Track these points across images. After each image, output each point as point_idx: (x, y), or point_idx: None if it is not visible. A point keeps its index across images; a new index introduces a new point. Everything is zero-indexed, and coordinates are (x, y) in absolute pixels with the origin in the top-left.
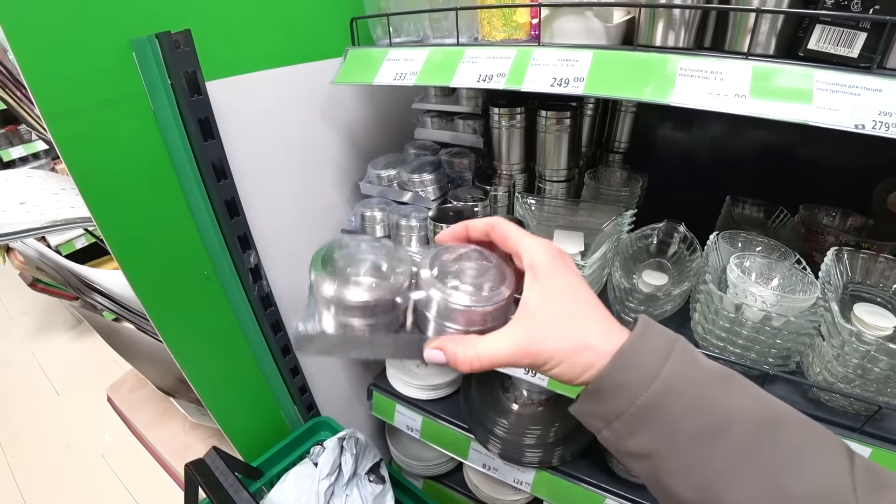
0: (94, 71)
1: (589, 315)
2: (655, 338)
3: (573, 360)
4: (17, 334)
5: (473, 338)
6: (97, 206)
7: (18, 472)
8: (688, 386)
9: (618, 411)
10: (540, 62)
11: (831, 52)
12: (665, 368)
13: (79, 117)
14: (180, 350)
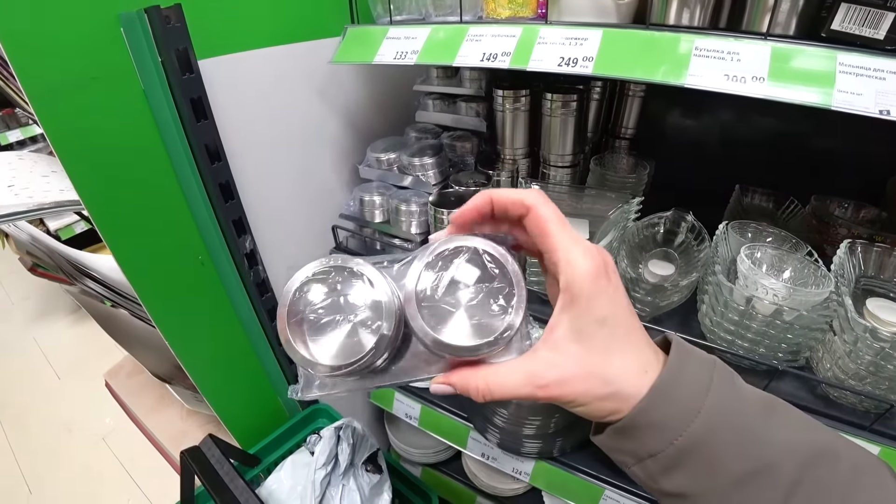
0: (80, 47)
1: (625, 352)
2: (692, 368)
3: (599, 406)
4: (18, 319)
5: (484, 370)
6: (86, 189)
7: (20, 455)
8: (730, 423)
9: (652, 451)
10: (547, 41)
11: (856, 34)
12: (706, 403)
13: (65, 96)
14: (174, 336)
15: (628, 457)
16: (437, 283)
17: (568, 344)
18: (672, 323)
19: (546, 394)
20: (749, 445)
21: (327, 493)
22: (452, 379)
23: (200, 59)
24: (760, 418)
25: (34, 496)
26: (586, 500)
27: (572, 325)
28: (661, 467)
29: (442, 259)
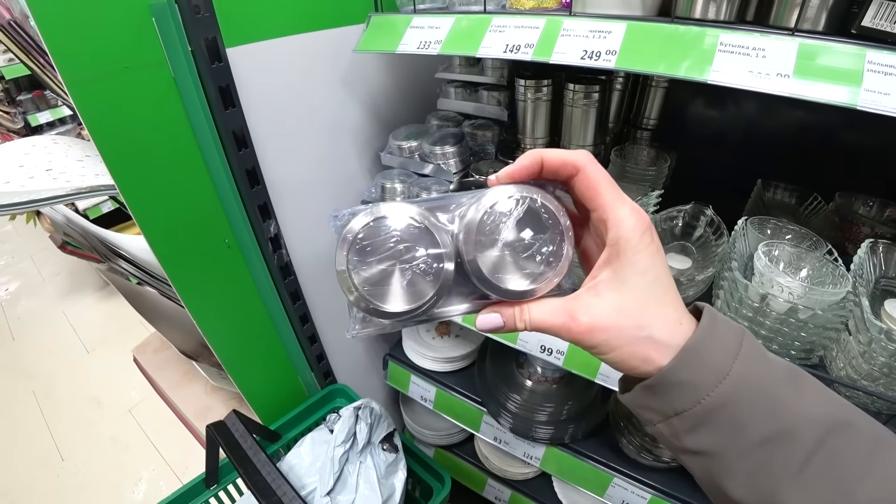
0: (114, 37)
1: (661, 306)
2: (723, 333)
3: (632, 351)
4: (48, 294)
5: (529, 302)
6: (120, 173)
7: (52, 424)
8: (757, 386)
9: (679, 409)
10: (570, 33)
11: (887, 31)
12: (735, 367)
13: (100, 84)
14: (201, 315)
15: (655, 414)
16: (494, 229)
17: (608, 291)
18: None
19: (580, 329)
20: (773, 410)
21: (345, 469)
22: (501, 309)
23: (229, 47)
24: (786, 385)
25: (66, 462)
26: (595, 487)
27: (615, 274)
28: (687, 426)
29: (500, 206)
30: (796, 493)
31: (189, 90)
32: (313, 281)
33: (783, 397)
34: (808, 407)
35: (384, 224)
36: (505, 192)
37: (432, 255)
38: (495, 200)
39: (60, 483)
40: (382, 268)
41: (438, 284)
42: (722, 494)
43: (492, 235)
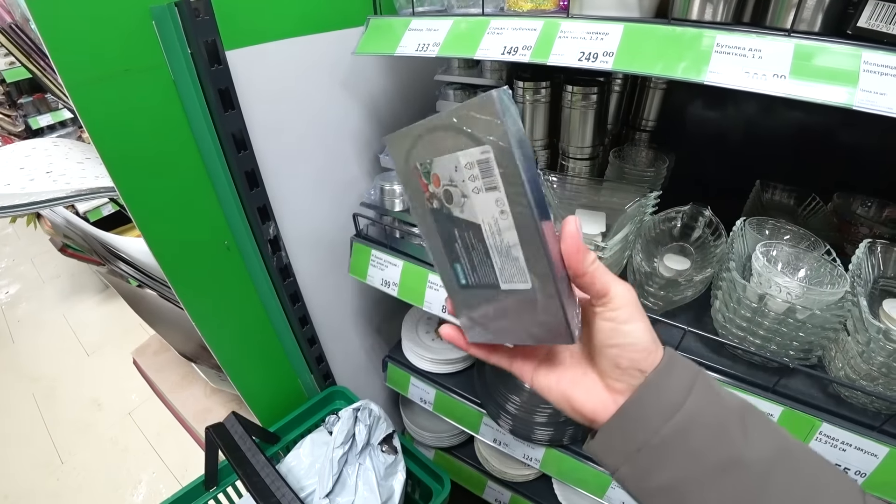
0: (114, 40)
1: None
2: (680, 371)
3: (645, 339)
4: (48, 297)
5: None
6: (120, 176)
7: (52, 427)
8: (709, 419)
9: (640, 444)
10: (568, 35)
11: (883, 31)
12: (688, 401)
13: (100, 86)
14: (201, 317)
15: (619, 455)
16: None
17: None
18: (685, 317)
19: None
20: (725, 441)
21: (344, 470)
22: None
23: (228, 50)
24: (737, 420)
25: (65, 465)
26: (595, 489)
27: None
28: (647, 462)
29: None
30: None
31: (189, 92)
32: (313, 283)
33: (733, 430)
34: (756, 440)
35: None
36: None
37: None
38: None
39: (60, 486)
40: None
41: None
42: None
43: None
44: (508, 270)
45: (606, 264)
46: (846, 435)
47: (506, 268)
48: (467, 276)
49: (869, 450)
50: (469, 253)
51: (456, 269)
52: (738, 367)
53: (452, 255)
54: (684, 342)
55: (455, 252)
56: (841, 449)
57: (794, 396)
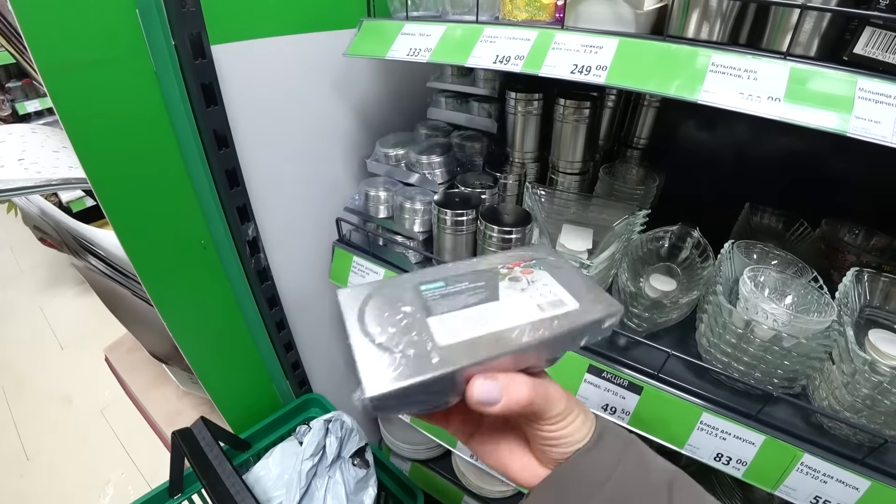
0: (95, 26)
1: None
2: (610, 444)
3: (574, 420)
4: (26, 287)
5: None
6: (93, 167)
7: (20, 422)
8: (635, 493)
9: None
10: (562, 46)
11: (879, 59)
12: (616, 473)
13: (77, 73)
14: (173, 317)
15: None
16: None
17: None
18: (669, 340)
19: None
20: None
21: (313, 483)
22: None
23: (214, 44)
24: (662, 490)
25: (31, 462)
26: None
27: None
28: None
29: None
30: None
31: (171, 85)
32: (292, 287)
33: (658, 500)
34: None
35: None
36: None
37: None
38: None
39: (24, 484)
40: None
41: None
42: None
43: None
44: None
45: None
46: (828, 467)
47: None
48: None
49: (851, 483)
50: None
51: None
52: (720, 393)
53: None
54: (667, 366)
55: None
56: (822, 481)
57: (777, 425)
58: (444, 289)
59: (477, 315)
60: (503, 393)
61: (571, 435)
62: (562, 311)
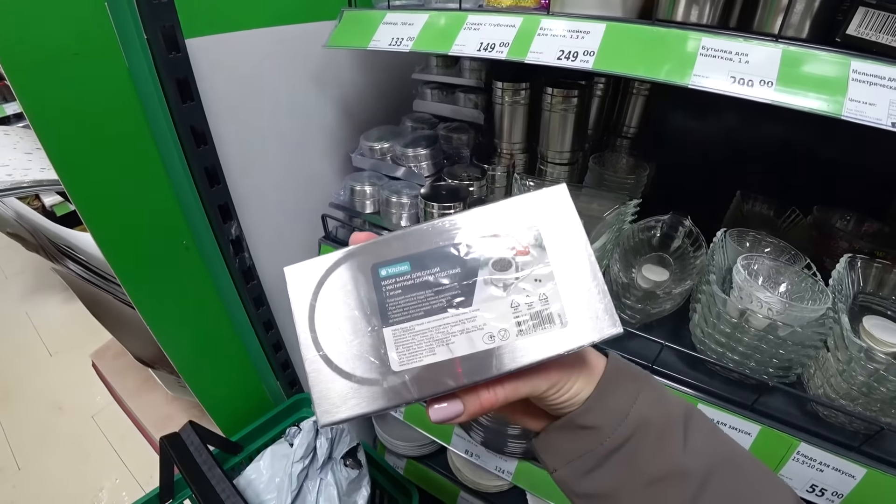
0: (62, 20)
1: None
2: (624, 381)
3: (574, 381)
4: (11, 293)
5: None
6: (65, 168)
7: (10, 431)
8: (651, 429)
9: (582, 451)
10: (548, 32)
11: (872, 40)
12: (633, 410)
13: (45, 70)
14: (156, 321)
15: (559, 458)
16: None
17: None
18: (663, 331)
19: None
20: (665, 453)
21: (304, 486)
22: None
23: (188, 38)
24: (678, 426)
25: (23, 472)
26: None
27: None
28: (587, 467)
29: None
30: None
31: (145, 81)
32: (278, 286)
33: (674, 439)
34: (696, 449)
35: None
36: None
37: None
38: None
39: (17, 494)
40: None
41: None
42: None
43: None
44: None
45: None
46: (824, 455)
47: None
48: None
49: (847, 471)
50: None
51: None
52: (715, 384)
53: None
54: (661, 357)
55: None
56: (818, 469)
57: (773, 415)
58: (407, 276)
59: (438, 330)
60: (464, 407)
61: (570, 400)
62: (544, 335)
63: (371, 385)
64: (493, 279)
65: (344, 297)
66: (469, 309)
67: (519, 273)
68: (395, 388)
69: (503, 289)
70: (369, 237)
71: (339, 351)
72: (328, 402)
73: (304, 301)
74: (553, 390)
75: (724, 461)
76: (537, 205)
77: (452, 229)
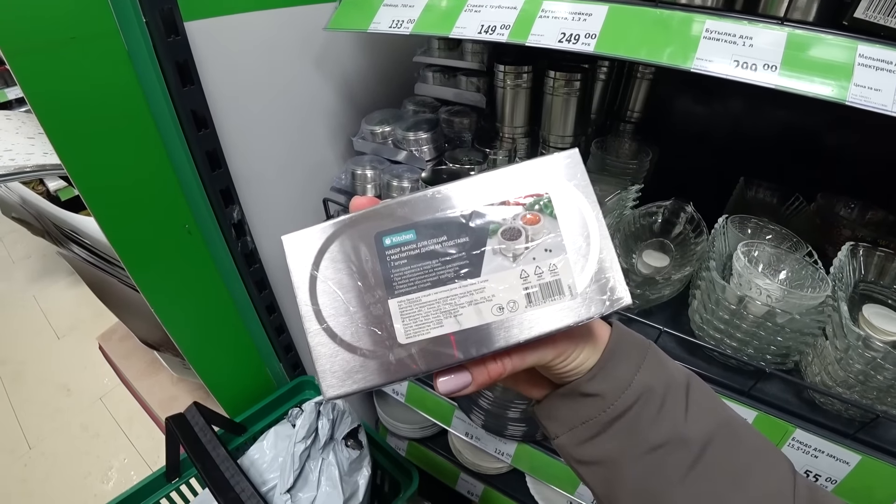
0: (59, 4)
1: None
2: (628, 349)
3: (579, 352)
4: (18, 278)
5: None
6: (68, 153)
7: (21, 412)
8: (653, 397)
9: (584, 418)
10: (549, 14)
11: (881, 23)
12: (636, 379)
13: (44, 55)
14: (160, 305)
15: (561, 425)
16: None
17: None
18: (662, 317)
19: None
20: (666, 420)
21: (306, 465)
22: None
23: (187, 20)
24: (680, 394)
25: (33, 451)
26: (567, 485)
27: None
28: (589, 434)
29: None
30: (679, 496)
31: (145, 65)
32: (281, 269)
33: (676, 407)
34: (697, 415)
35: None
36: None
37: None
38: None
39: (28, 472)
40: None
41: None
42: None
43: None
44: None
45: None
46: (819, 441)
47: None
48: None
49: (841, 457)
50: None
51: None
52: (713, 370)
53: None
54: (660, 342)
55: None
56: (813, 455)
57: (769, 401)
58: (413, 245)
59: (446, 301)
60: (472, 378)
61: (576, 369)
62: (554, 307)
63: (377, 358)
64: (503, 249)
65: (346, 267)
66: (478, 280)
67: (529, 243)
68: (401, 361)
69: (512, 259)
70: (371, 202)
71: (343, 323)
72: (333, 377)
73: (305, 272)
74: (560, 359)
75: (723, 429)
76: (548, 170)
77: (459, 196)
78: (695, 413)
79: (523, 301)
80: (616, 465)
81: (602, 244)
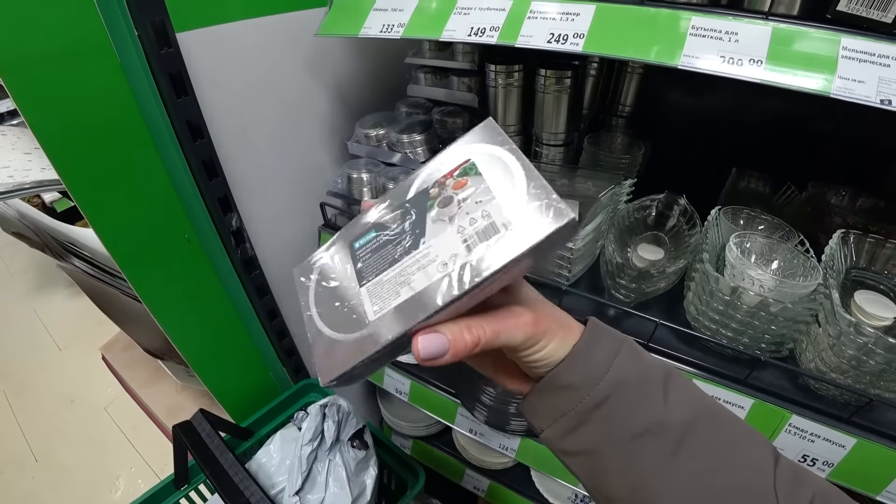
0: (52, 19)
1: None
2: (605, 339)
3: (552, 338)
4: (17, 290)
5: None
6: (65, 168)
7: (25, 424)
8: (631, 386)
9: (563, 410)
10: (538, 15)
11: (863, 16)
12: (613, 367)
13: (38, 70)
14: (163, 314)
15: (544, 419)
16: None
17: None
18: (657, 309)
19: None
20: (646, 407)
21: (314, 467)
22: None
23: (179, 31)
24: (658, 384)
25: (40, 463)
26: (570, 477)
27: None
28: (570, 426)
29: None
30: (663, 483)
31: (138, 77)
32: (280, 274)
33: (655, 396)
34: (675, 404)
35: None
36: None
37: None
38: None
39: (35, 485)
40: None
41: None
42: (602, 495)
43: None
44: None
45: (577, 255)
46: (815, 426)
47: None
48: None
49: (837, 441)
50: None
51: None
52: (709, 360)
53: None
54: (657, 335)
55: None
56: (809, 440)
57: (765, 389)
58: (374, 240)
59: (400, 274)
60: (449, 345)
61: (544, 360)
62: (494, 243)
63: (356, 339)
64: (440, 215)
65: (332, 272)
66: (422, 247)
67: (461, 203)
68: (375, 335)
69: (448, 220)
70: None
71: (332, 319)
72: (325, 367)
73: (306, 289)
74: (529, 343)
75: (703, 415)
76: (469, 141)
77: (406, 190)
78: (674, 401)
79: (463, 251)
80: (600, 454)
81: (529, 178)
